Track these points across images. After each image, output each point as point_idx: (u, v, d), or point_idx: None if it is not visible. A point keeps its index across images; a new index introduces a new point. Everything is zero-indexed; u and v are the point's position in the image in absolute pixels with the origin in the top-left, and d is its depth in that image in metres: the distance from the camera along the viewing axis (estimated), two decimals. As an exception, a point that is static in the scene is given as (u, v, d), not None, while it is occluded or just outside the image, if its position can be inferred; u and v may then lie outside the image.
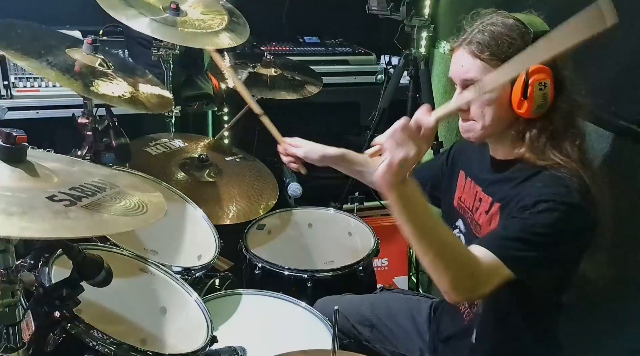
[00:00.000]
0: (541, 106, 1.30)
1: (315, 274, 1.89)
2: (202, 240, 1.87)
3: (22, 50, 1.58)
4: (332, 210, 2.32)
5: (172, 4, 2.03)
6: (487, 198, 1.41)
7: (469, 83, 1.33)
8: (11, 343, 1.06)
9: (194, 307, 1.53)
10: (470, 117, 1.37)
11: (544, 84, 1.28)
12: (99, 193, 1.06)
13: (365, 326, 1.73)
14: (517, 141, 1.36)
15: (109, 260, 1.16)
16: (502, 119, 1.34)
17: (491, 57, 1.29)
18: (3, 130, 1.00)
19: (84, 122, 1.78)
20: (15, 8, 2.47)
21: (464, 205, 1.53)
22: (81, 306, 1.17)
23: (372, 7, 2.51)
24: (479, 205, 1.44)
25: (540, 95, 1.28)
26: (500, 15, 1.35)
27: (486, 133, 1.38)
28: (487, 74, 1.28)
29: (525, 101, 1.29)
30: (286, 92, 2.18)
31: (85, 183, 1.09)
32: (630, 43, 1.62)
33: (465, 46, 1.33)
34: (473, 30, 1.33)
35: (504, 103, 1.32)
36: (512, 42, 1.29)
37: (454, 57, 1.37)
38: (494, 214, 1.37)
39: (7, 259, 1.02)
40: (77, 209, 0.97)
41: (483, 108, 1.34)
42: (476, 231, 1.44)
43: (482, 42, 1.30)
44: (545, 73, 1.28)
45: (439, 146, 2.48)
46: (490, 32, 1.30)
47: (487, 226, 1.39)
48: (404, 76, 2.53)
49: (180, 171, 2.14)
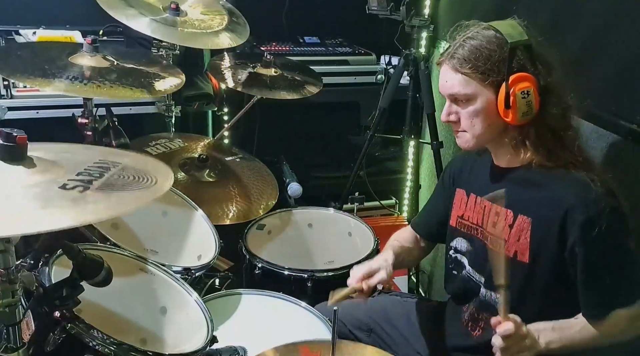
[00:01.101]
0: (527, 113, 1.32)
1: (315, 274, 1.90)
2: (202, 240, 1.87)
3: (26, 71, 1.60)
4: (332, 210, 2.32)
5: (172, 4, 2.03)
6: (506, 210, 1.40)
7: (454, 97, 1.38)
8: (11, 343, 1.06)
9: (194, 307, 1.53)
10: (461, 128, 1.41)
11: (526, 92, 1.30)
12: (105, 173, 1.06)
13: (362, 331, 1.72)
14: (518, 147, 1.38)
15: (109, 260, 1.16)
16: (492, 126, 1.37)
17: (471, 70, 1.33)
18: (3, 130, 1.00)
19: (84, 122, 1.78)
20: (15, 8, 2.47)
21: (468, 222, 1.53)
22: (81, 306, 1.17)
23: (372, 7, 2.51)
24: (495, 219, 1.43)
25: (524, 103, 1.30)
26: (479, 26, 1.38)
27: (480, 141, 1.41)
28: (469, 86, 1.34)
29: (509, 110, 1.31)
30: (286, 92, 2.18)
31: (88, 166, 1.08)
32: (630, 43, 1.62)
33: (448, 61, 1.37)
34: (455, 44, 1.37)
35: (491, 113, 1.35)
36: (491, 54, 1.32)
37: (441, 72, 1.41)
38: (524, 229, 1.37)
39: (7, 259, 1.02)
40: (92, 193, 0.97)
41: (472, 119, 1.37)
42: (496, 246, 1.37)
43: (462, 56, 1.34)
44: (527, 81, 1.31)
45: (439, 146, 2.48)
46: (470, 46, 1.34)
47: (516, 241, 1.38)
48: (404, 76, 2.53)
49: (180, 171, 2.14)
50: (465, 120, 1.38)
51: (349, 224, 2.26)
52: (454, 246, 1.58)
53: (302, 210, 2.29)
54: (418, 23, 2.45)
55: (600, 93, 1.70)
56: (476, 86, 1.34)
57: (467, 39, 1.35)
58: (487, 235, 1.45)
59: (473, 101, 1.35)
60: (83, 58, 1.72)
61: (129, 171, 1.10)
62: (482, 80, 1.33)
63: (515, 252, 1.38)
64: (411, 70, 2.48)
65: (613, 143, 1.65)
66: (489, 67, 1.31)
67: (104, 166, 1.09)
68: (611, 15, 1.69)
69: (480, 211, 1.48)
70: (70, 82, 1.59)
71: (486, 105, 1.35)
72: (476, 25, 1.38)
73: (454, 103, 1.40)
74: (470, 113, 1.36)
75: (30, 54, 1.75)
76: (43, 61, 1.66)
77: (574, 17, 1.82)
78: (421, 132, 2.80)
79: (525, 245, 1.36)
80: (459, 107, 1.39)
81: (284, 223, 2.25)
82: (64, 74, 1.61)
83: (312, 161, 2.82)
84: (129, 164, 1.13)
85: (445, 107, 1.42)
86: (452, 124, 1.42)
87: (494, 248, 1.37)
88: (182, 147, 2.29)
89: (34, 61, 1.69)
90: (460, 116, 1.39)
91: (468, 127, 1.39)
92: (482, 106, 1.35)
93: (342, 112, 2.88)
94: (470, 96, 1.35)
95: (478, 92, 1.34)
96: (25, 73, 1.59)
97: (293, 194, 2.24)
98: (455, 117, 1.40)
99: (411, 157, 2.90)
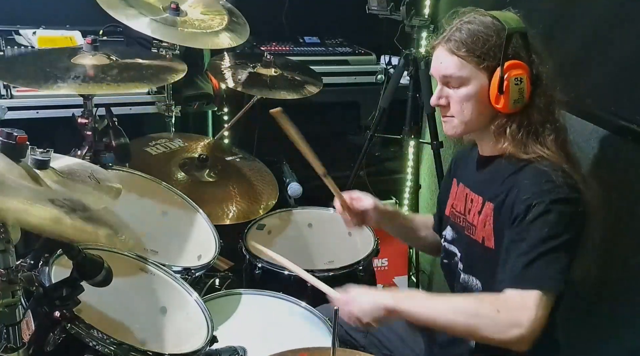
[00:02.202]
0: (518, 101, 1.33)
1: (315, 274, 1.88)
2: (202, 240, 1.87)
3: (30, 77, 1.62)
4: (332, 210, 2.32)
5: (172, 4, 2.03)
6: (477, 197, 1.43)
7: (447, 79, 1.39)
8: (11, 343, 1.06)
9: (194, 307, 1.53)
10: (450, 113, 1.42)
11: (519, 79, 1.32)
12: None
13: (359, 332, 1.73)
14: (499, 136, 1.39)
15: (109, 260, 1.16)
16: (481, 114, 1.38)
17: (467, 53, 1.34)
18: (3, 130, 1.00)
19: (83, 122, 1.78)
20: (15, 8, 2.47)
21: (455, 211, 1.54)
22: (81, 306, 1.17)
23: (372, 7, 2.51)
24: (470, 206, 1.46)
25: (517, 90, 1.32)
26: (477, 13, 1.39)
27: (467, 128, 1.42)
28: (464, 69, 1.35)
29: (502, 96, 1.32)
30: (286, 92, 2.18)
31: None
32: (630, 43, 1.62)
33: (444, 44, 1.38)
34: (452, 28, 1.38)
35: (483, 98, 1.36)
36: (488, 38, 1.33)
37: (434, 54, 1.42)
38: (488, 215, 1.39)
39: (7, 259, 1.02)
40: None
41: (462, 103, 1.38)
42: (470, 233, 1.45)
43: (459, 39, 1.35)
44: (521, 68, 1.33)
45: (439, 146, 2.48)
46: (467, 30, 1.35)
47: (482, 228, 1.40)
48: (404, 76, 2.53)
49: (180, 171, 2.14)
50: (455, 104, 1.39)
51: (349, 224, 2.25)
52: (445, 236, 1.60)
53: (302, 210, 2.29)
54: (418, 23, 2.45)
55: (600, 93, 1.70)
56: (471, 69, 1.35)
57: (464, 23, 1.37)
58: (465, 222, 1.48)
59: (466, 85, 1.36)
60: (84, 58, 1.73)
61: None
62: (477, 64, 1.34)
63: (483, 238, 1.40)
64: (411, 70, 2.48)
65: (613, 143, 1.65)
66: (485, 52, 1.33)
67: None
68: (611, 15, 1.69)
69: (463, 199, 1.51)
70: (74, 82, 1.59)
71: (479, 89, 1.36)
72: (474, 11, 1.40)
73: (445, 86, 1.41)
74: (462, 97, 1.37)
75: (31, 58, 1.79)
76: (45, 65, 1.67)
77: (573, 17, 1.82)
78: (421, 132, 2.80)
79: (489, 231, 1.38)
80: (450, 90, 1.40)
81: (284, 223, 2.25)
82: (67, 75, 1.61)
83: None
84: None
85: (436, 91, 1.43)
86: (441, 108, 1.43)
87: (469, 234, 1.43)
88: (182, 147, 2.29)
89: (36, 64, 1.71)
90: (450, 100, 1.40)
91: (457, 112, 1.40)
92: (475, 90, 1.36)
93: (342, 112, 2.88)
94: (463, 79, 1.36)
95: (472, 76, 1.35)
96: (29, 78, 1.62)
97: (293, 194, 2.24)
98: (445, 101, 1.41)
99: (411, 157, 2.90)
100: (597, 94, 1.68)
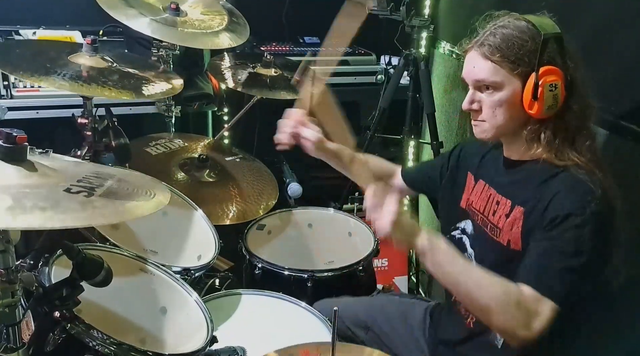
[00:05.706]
0: (552, 107, 1.31)
1: (315, 274, 1.89)
2: (202, 240, 1.87)
3: (29, 69, 1.61)
4: (332, 210, 2.32)
5: (172, 4, 2.03)
6: (505, 200, 1.41)
7: (480, 84, 1.36)
8: (11, 343, 1.06)
9: (194, 307, 1.53)
10: (481, 118, 1.39)
11: (554, 86, 1.29)
12: (105, 183, 1.07)
13: (360, 328, 1.73)
14: (532, 142, 1.37)
15: (109, 260, 1.16)
16: (513, 119, 1.36)
17: (502, 59, 1.31)
18: (3, 130, 1.00)
19: (83, 122, 1.78)
20: (15, 9, 2.47)
21: (474, 208, 1.53)
22: (81, 306, 1.17)
23: (372, 7, 2.51)
24: (496, 208, 1.43)
25: (551, 96, 1.29)
26: (512, 17, 1.36)
27: (499, 132, 1.39)
28: (498, 74, 1.32)
29: (535, 102, 1.30)
30: (286, 92, 2.18)
31: (86, 175, 1.09)
32: (630, 43, 1.62)
33: (477, 48, 1.35)
34: (485, 32, 1.36)
35: (515, 104, 1.33)
36: (523, 44, 1.30)
37: (467, 58, 1.39)
38: (517, 219, 1.36)
39: (7, 259, 1.02)
40: (97, 199, 0.98)
41: (494, 109, 1.36)
42: (494, 234, 1.42)
43: (493, 44, 1.32)
44: (555, 74, 1.30)
45: (439, 146, 2.48)
46: (502, 35, 1.32)
47: (509, 230, 1.38)
48: (404, 76, 2.53)
49: (180, 171, 2.14)
50: (487, 109, 1.37)
51: (349, 224, 2.25)
52: (461, 227, 1.57)
53: (302, 210, 2.29)
54: (418, 23, 2.45)
55: (601, 93, 1.70)
56: (505, 74, 1.32)
57: (498, 28, 1.34)
58: (487, 223, 1.46)
59: (499, 90, 1.34)
60: (82, 58, 1.72)
61: (126, 183, 1.11)
62: (511, 69, 1.31)
63: (509, 241, 1.38)
64: (411, 70, 2.48)
65: (613, 143, 1.65)
66: (520, 57, 1.30)
67: (101, 177, 1.10)
68: (612, 15, 1.69)
69: (485, 199, 1.49)
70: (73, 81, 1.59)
71: (512, 95, 1.33)
72: (508, 15, 1.37)
73: (477, 91, 1.38)
74: (494, 102, 1.35)
75: (29, 51, 1.76)
76: (44, 59, 1.67)
77: (574, 17, 1.82)
78: (421, 132, 2.80)
79: (517, 234, 1.36)
80: (482, 95, 1.37)
81: (284, 223, 2.25)
82: (66, 73, 1.61)
83: (312, 161, 2.80)
84: (123, 178, 1.14)
85: (468, 95, 1.40)
86: (473, 112, 1.41)
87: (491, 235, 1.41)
88: (182, 147, 2.29)
89: (34, 58, 1.69)
90: (482, 105, 1.37)
91: (489, 117, 1.37)
92: (508, 95, 1.33)
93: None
94: (497, 85, 1.34)
95: (505, 81, 1.33)
96: (28, 71, 1.60)
97: (293, 194, 2.24)
98: (478, 106, 1.38)
99: (411, 158, 2.90)
100: (597, 94, 1.67)
